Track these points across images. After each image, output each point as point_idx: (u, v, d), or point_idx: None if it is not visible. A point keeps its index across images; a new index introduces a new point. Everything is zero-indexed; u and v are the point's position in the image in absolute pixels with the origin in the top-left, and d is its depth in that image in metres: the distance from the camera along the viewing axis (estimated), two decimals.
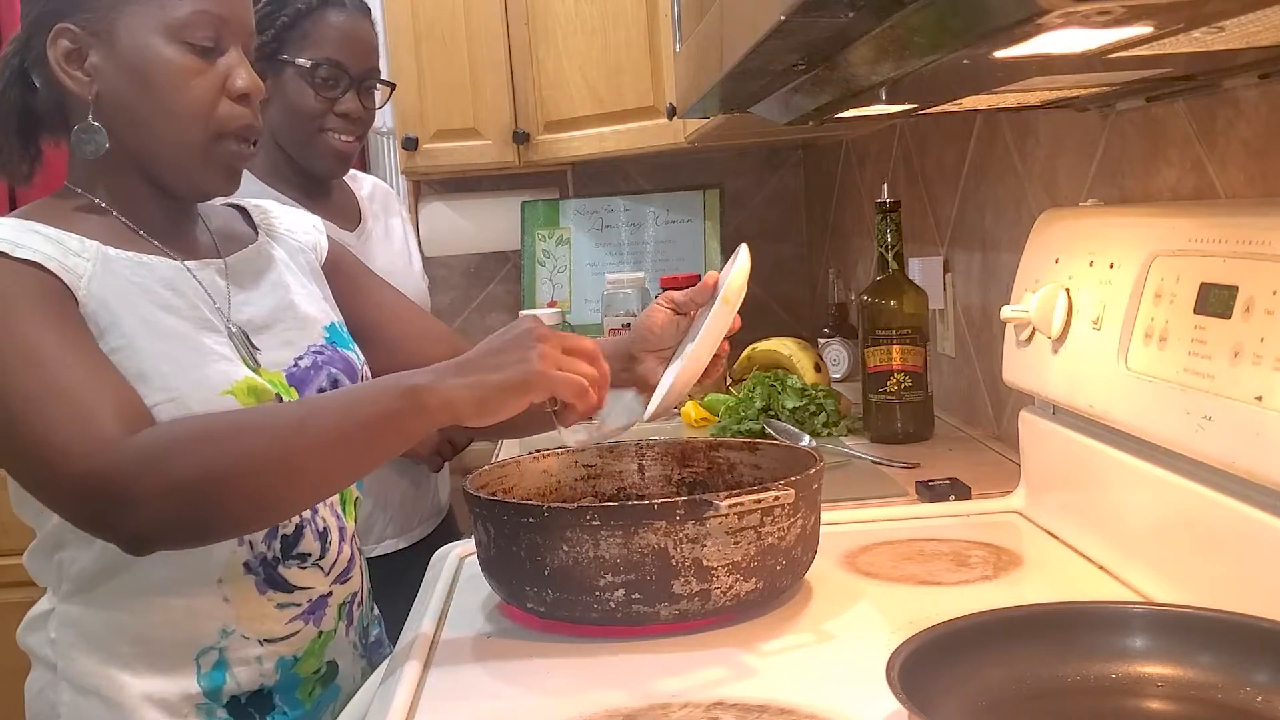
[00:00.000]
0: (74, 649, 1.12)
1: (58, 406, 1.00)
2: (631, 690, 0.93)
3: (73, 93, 1.12)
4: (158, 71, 1.11)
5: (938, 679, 0.77)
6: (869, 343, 1.78)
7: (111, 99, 1.11)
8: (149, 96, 1.12)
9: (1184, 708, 0.79)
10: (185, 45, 1.12)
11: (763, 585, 1.05)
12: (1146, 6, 0.67)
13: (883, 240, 1.79)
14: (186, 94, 1.12)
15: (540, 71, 2.67)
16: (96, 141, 1.11)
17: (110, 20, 1.11)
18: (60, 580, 1.13)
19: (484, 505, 1.08)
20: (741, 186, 3.13)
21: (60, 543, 1.12)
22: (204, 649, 1.12)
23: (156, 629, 1.11)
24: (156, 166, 1.14)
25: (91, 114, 1.11)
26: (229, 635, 1.12)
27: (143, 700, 1.10)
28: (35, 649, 1.16)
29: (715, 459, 1.28)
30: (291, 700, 1.16)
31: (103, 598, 1.11)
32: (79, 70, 1.11)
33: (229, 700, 1.12)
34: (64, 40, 1.11)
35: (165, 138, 1.13)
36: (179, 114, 1.12)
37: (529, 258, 3.01)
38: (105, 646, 1.11)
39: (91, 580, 1.11)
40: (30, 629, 1.17)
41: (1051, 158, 1.53)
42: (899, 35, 0.84)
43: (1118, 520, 1.13)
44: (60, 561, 1.12)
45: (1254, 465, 0.88)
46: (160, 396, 1.06)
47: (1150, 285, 1.06)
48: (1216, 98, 1.11)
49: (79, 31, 1.11)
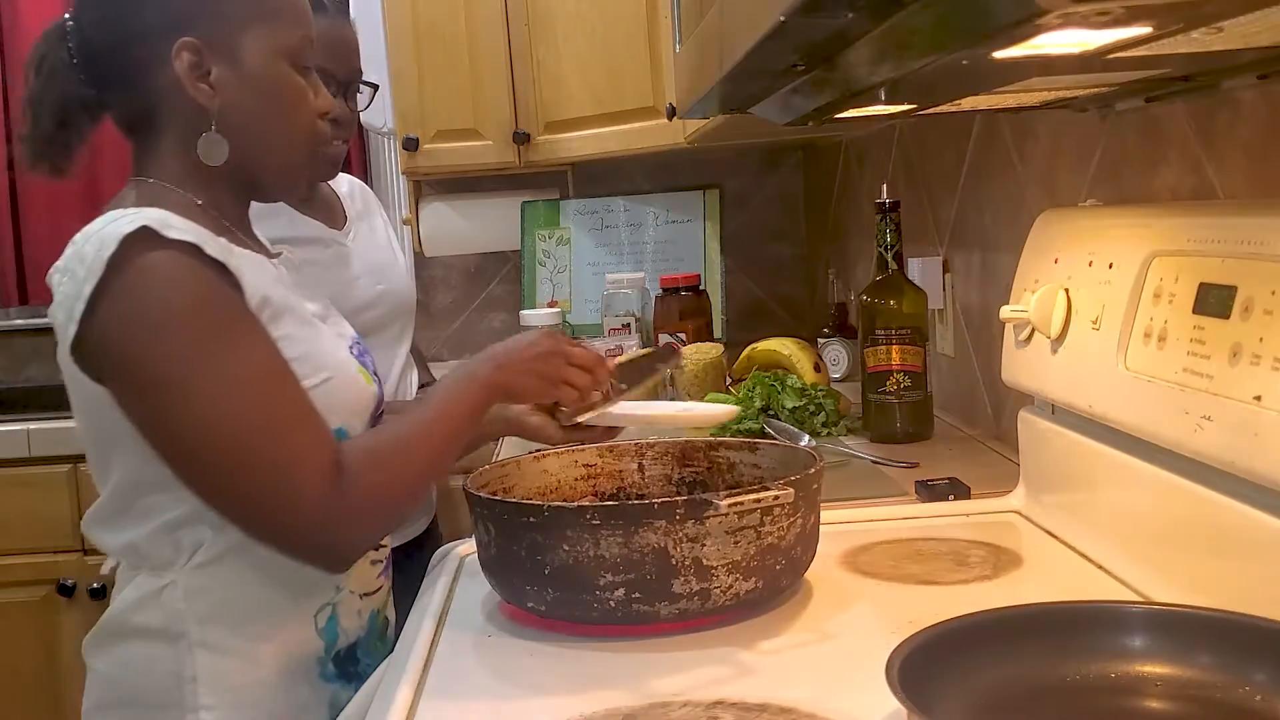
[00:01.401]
0: (207, 616, 1.17)
1: (286, 440, 1.10)
2: (631, 690, 0.94)
3: (195, 104, 1.19)
4: (282, 91, 1.22)
5: (937, 679, 0.77)
6: (868, 343, 1.78)
7: (233, 112, 1.20)
8: (271, 112, 1.22)
9: (1183, 707, 0.79)
10: (294, 68, 1.23)
11: (762, 585, 1.05)
12: (1146, 7, 0.67)
13: (882, 240, 1.79)
14: (300, 112, 1.24)
15: (540, 71, 2.67)
16: (220, 150, 1.19)
17: (235, 39, 1.19)
18: (185, 555, 1.18)
19: (485, 505, 1.09)
20: (741, 186, 3.13)
21: (182, 523, 1.17)
22: (321, 605, 1.22)
23: (281, 593, 1.19)
24: (261, 172, 1.24)
25: (214, 124, 1.19)
26: (340, 591, 1.23)
27: (275, 658, 1.19)
28: (148, 624, 1.19)
29: (715, 459, 1.28)
30: (366, 652, 1.26)
31: (232, 568, 1.18)
32: (204, 83, 1.18)
33: (335, 654, 1.23)
34: (188, 54, 1.17)
35: (277, 148, 1.23)
36: (294, 129, 1.23)
37: (529, 258, 3.01)
38: (239, 611, 1.18)
39: (223, 554, 1.17)
40: (140, 607, 1.19)
41: (1051, 158, 1.53)
42: (898, 36, 0.84)
43: (1117, 520, 1.13)
44: (194, 538, 1.17)
45: (1252, 465, 0.88)
46: (318, 378, 1.18)
47: (1149, 285, 1.06)
48: (1215, 98, 1.12)
49: (203, 47, 1.18)
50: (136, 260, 1.09)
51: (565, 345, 1.28)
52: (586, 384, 1.28)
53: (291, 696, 1.19)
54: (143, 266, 1.09)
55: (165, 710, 1.17)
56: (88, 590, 2.58)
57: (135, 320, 1.09)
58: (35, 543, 2.60)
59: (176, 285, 1.10)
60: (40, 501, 2.59)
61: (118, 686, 1.21)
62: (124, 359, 1.10)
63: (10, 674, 2.62)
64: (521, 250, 3.01)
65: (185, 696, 1.16)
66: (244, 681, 1.18)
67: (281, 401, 1.12)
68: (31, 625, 2.62)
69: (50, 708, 2.63)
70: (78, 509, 2.59)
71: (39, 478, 2.59)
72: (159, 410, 1.10)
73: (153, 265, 1.09)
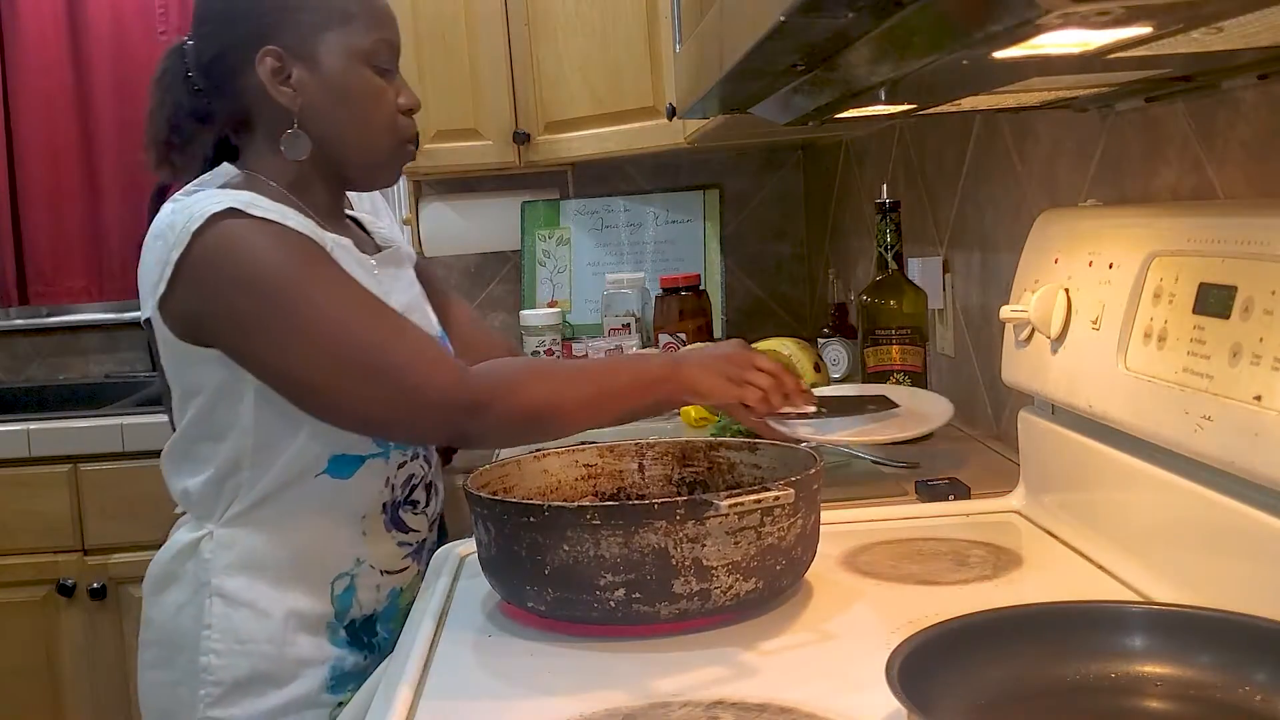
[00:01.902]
0: (229, 568, 1.31)
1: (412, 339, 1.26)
2: (631, 690, 0.94)
3: (279, 104, 1.32)
4: (357, 90, 1.35)
5: (937, 678, 0.77)
6: (868, 343, 1.78)
7: (313, 111, 1.33)
8: (348, 111, 1.35)
9: (1183, 707, 0.79)
10: (372, 69, 1.35)
11: (763, 585, 1.05)
12: (1146, 7, 0.67)
13: (882, 240, 1.79)
14: (379, 110, 1.36)
15: (540, 71, 2.67)
16: (303, 145, 1.33)
17: (312, 45, 1.32)
18: (223, 507, 1.32)
19: (485, 504, 1.09)
20: (741, 186, 3.13)
21: (237, 468, 1.30)
22: (339, 574, 1.33)
23: (304, 553, 1.32)
24: (345, 165, 1.37)
25: (297, 122, 1.33)
26: (360, 565, 1.34)
27: (287, 614, 1.31)
28: (180, 572, 1.33)
29: (715, 459, 1.28)
30: (387, 626, 1.37)
31: (263, 523, 1.31)
32: (285, 86, 1.32)
33: (348, 622, 1.34)
34: (270, 59, 1.31)
35: (359, 143, 1.36)
36: (373, 125, 1.36)
37: (529, 258, 3.01)
38: (257, 566, 1.31)
39: (258, 504, 1.31)
40: (180, 557, 1.34)
41: (1051, 158, 1.53)
42: (898, 36, 0.84)
43: (1117, 520, 1.13)
44: (233, 486, 1.31)
45: (1253, 465, 0.88)
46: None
47: (1149, 285, 1.06)
48: (1215, 98, 1.12)
49: (284, 53, 1.32)
50: (220, 229, 1.22)
51: (751, 353, 1.41)
52: (770, 386, 1.37)
53: (293, 651, 1.30)
54: (227, 233, 1.22)
55: (184, 652, 1.31)
56: (88, 590, 2.58)
57: (235, 268, 1.22)
58: (35, 543, 2.60)
59: (266, 237, 1.23)
60: (40, 501, 2.60)
61: (156, 626, 1.36)
62: (224, 312, 1.23)
63: (10, 674, 2.62)
64: (521, 250, 3.01)
65: (200, 641, 1.30)
66: (250, 633, 1.29)
67: (394, 314, 1.27)
68: (31, 625, 2.62)
69: (50, 708, 2.63)
70: (78, 509, 2.59)
71: (39, 478, 2.59)
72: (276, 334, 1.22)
73: (237, 231, 1.22)
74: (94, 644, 2.62)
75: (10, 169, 3.15)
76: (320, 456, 1.30)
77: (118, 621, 2.61)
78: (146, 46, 3.14)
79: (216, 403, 1.29)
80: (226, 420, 1.29)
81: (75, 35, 3.14)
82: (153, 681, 1.37)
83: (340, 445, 1.31)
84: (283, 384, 1.25)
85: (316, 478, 1.31)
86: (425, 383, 1.23)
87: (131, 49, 3.15)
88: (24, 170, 3.14)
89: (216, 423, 1.29)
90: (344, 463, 1.32)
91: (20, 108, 3.14)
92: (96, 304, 3.24)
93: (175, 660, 1.33)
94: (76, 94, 3.15)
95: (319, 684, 1.31)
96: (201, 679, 1.30)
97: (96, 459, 2.58)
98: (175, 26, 3.13)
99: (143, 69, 3.13)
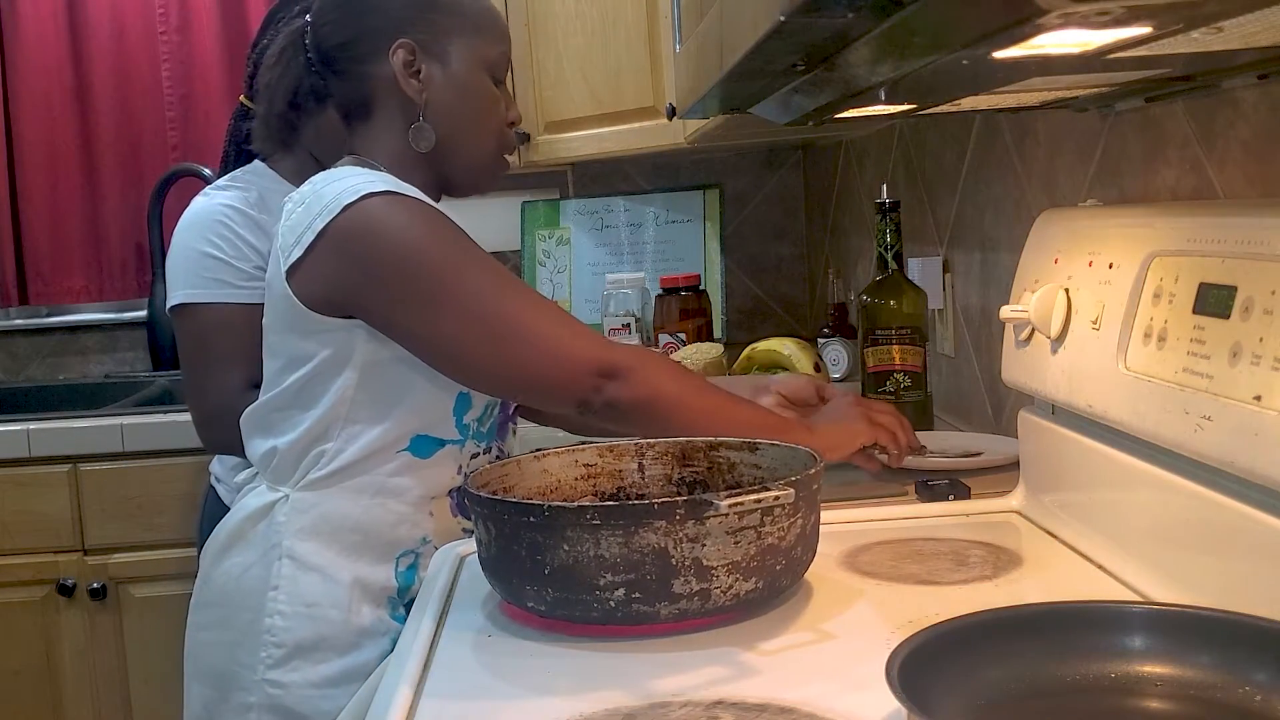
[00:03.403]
0: (301, 531, 1.34)
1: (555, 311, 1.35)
2: (631, 689, 0.94)
3: (405, 96, 1.39)
4: (479, 95, 1.42)
5: (938, 679, 0.77)
6: (868, 343, 1.78)
7: (436, 107, 1.40)
8: (467, 113, 1.42)
9: (1183, 707, 0.79)
10: (492, 78, 1.43)
11: (763, 585, 1.05)
12: (1146, 7, 0.67)
13: (882, 240, 1.79)
14: (493, 117, 1.44)
15: (540, 71, 2.67)
16: (428, 138, 1.39)
17: (444, 44, 1.40)
18: (303, 472, 1.36)
19: (484, 504, 1.09)
20: (741, 186, 3.13)
21: (323, 438, 1.35)
22: (405, 551, 1.38)
23: (375, 526, 1.36)
24: (454, 164, 1.43)
25: (421, 115, 1.39)
26: (425, 544, 1.38)
27: (353, 582, 1.34)
28: (249, 533, 1.37)
29: (715, 459, 1.28)
30: None
31: (340, 491, 1.35)
32: (415, 79, 1.39)
33: (408, 600, 1.36)
34: (403, 52, 1.38)
35: (470, 145, 1.43)
36: (486, 130, 1.44)
37: (529, 258, 3.01)
38: (330, 533, 1.34)
39: (339, 472, 1.35)
40: (251, 519, 1.38)
41: (1051, 158, 1.53)
42: (898, 36, 0.84)
43: (1117, 520, 1.13)
44: (316, 454, 1.35)
45: (1252, 465, 0.88)
46: None
47: (1149, 285, 1.06)
48: (1215, 98, 1.12)
49: (417, 48, 1.39)
50: (371, 204, 1.28)
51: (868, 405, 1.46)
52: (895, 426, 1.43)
53: (357, 620, 1.34)
54: (378, 208, 1.28)
55: (246, 612, 1.34)
56: (88, 590, 2.58)
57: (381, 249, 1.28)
58: (35, 543, 2.60)
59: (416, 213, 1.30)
60: (40, 501, 2.59)
61: (216, 587, 1.39)
62: (375, 283, 1.28)
63: (10, 674, 2.62)
64: (521, 250, 3.01)
65: (265, 603, 1.33)
66: (317, 597, 1.33)
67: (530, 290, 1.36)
68: (31, 625, 2.62)
69: (50, 708, 2.63)
70: (78, 509, 2.59)
71: (39, 478, 2.59)
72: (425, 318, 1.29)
73: (387, 208, 1.28)
74: (94, 644, 2.61)
75: (10, 169, 3.14)
76: (405, 435, 1.36)
77: (118, 621, 2.61)
78: (146, 46, 3.14)
79: (319, 374, 1.33)
80: (322, 391, 1.34)
81: (75, 35, 3.14)
82: (207, 641, 1.39)
83: (425, 426, 1.36)
84: (431, 352, 1.32)
85: (398, 454, 1.36)
86: (570, 346, 1.31)
87: (131, 49, 3.14)
88: (24, 170, 3.14)
89: (313, 392, 1.34)
90: (425, 443, 1.37)
91: (20, 108, 3.14)
92: (96, 304, 3.24)
93: (234, 620, 1.36)
94: (76, 94, 3.14)
95: (378, 656, 1.33)
96: (263, 640, 1.33)
97: (96, 459, 2.58)
98: (175, 26, 3.13)
99: (143, 69, 3.14)
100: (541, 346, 1.31)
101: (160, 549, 2.54)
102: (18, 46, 3.13)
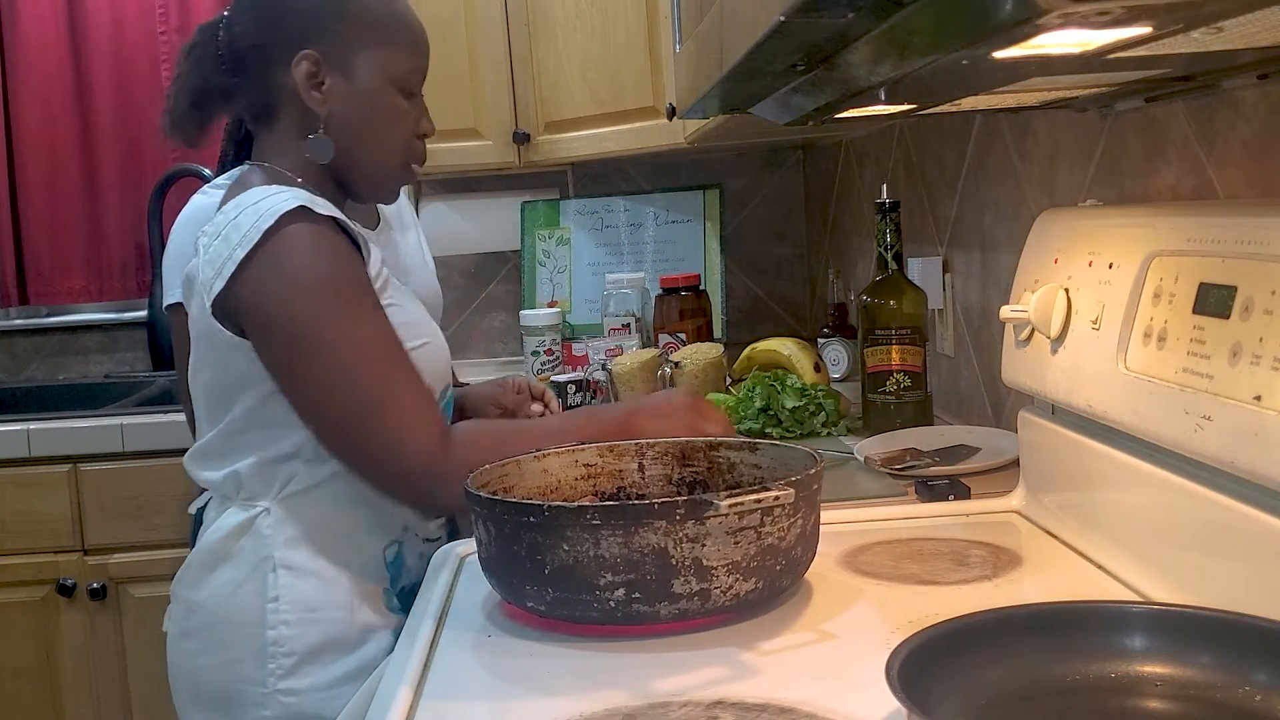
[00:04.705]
0: (291, 540, 1.35)
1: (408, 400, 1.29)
2: (631, 689, 0.94)
3: (307, 107, 1.37)
4: (383, 109, 1.40)
5: (937, 679, 0.77)
6: (868, 343, 1.78)
7: (338, 119, 1.38)
8: (370, 127, 1.40)
9: (1183, 707, 0.79)
10: (400, 91, 1.40)
11: (762, 585, 1.05)
12: (1146, 7, 0.67)
13: (882, 240, 1.79)
14: (397, 130, 1.41)
15: (540, 71, 2.67)
16: (326, 150, 1.38)
17: (350, 57, 1.37)
18: (279, 485, 1.35)
19: (484, 504, 1.09)
20: (741, 186, 3.13)
21: (281, 459, 1.34)
22: (390, 542, 1.40)
23: (361, 523, 1.37)
24: (355, 175, 1.42)
25: (322, 128, 1.37)
26: (407, 532, 1.41)
27: (351, 581, 1.36)
28: (233, 550, 1.36)
29: (715, 459, 1.28)
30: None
31: (323, 496, 1.36)
32: (317, 91, 1.37)
33: (400, 589, 1.39)
34: (307, 64, 1.36)
35: (372, 159, 1.41)
36: (389, 144, 1.41)
37: (529, 258, 3.01)
38: (320, 537, 1.35)
39: (311, 488, 1.35)
40: (232, 536, 1.36)
41: (1050, 158, 1.53)
42: (898, 36, 0.84)
43: (1117, 520, 1.13)
44: (289, 469, 1.35)
45: (1253, 465, 0.88)
46: (418, 341, 1.37)
47: (1149, 285, 1.06)
48: (1215, 98, 1.12)
49: (321, 59, 1.36)
50: (291, 231, 1.26)
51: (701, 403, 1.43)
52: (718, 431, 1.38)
53: (360, 617, 1.35)
54: (295, 236, 1.26)
55: (245, 628, 1.33)
56: (87, 590, 2.58)
57: (285, 283, 1.26)
58: (35, 543, 2.60)
59: (323, 255, 1.28)
60: (40, 501, 2.59)
61: (205, 610, 1.37)
62: (271, 315, 1.27)
63: (10, 674, 2.62)
64: (521, 250, 3.01)
65: (266, 615, 1.33)
66: (320, 601, 1.34)
67: (400, 369, 1.30)
68: (31, 625, 2.62)
69: (50, 708, 2.63)
70: (78, 509, 2.59)
71: (39, 478, 2.59)
72: (296, 362, 1.27)
73: (304, 236, 1.27)
74: (94, 644, 2.61)
75: (10, 169, 3.14)
76: None
77: (117, 621, 2.61)
78: (146, 46, 3.14)
79: (273, 391, 1.31)
80: (280, 406, 1.32)
81: (75, 35, 3.14)
82: (205, 665, 1.37)
83: None
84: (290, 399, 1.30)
85: None
86: (401, 453, 1.28)
87: (131, 49, 3.14)
88: (24, 170, 3.14)
89: (270, 413, 1.33)
90: None
91: (20, 108, 3.14)
92: (96, 304, 3.24)
93: (231, 639, 1.35)
94: (76, 94, 3.15)
95: (384, 649, 1.33)
96: (269, 652, 1.33)
97: (96, 459, 2.58)
98: (175, 26, 3.13)
99: (143, 69, 3.14)
100: (376, 447, 1.28)
101: (160, 549, 2.53)
102: (18, 47, 3.13)
